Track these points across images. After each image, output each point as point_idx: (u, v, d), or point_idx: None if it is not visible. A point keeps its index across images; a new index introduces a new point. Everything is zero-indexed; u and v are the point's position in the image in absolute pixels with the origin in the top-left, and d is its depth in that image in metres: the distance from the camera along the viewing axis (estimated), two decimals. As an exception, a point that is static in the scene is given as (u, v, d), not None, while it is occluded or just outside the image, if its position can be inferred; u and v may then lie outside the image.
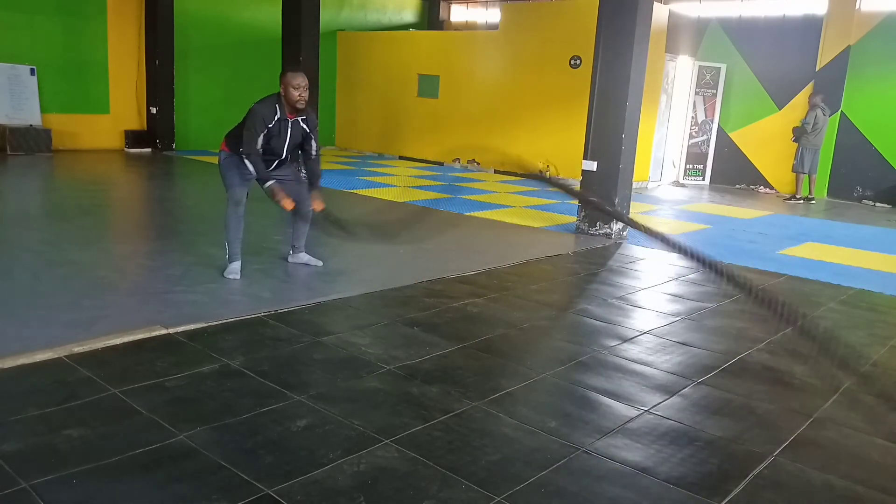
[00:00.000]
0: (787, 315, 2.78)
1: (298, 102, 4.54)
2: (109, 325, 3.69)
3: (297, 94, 4.52)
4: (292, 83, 4.51)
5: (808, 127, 10.98)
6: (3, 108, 10.75)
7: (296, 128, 4.70)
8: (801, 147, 11.20)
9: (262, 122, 4.52)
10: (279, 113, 4.57)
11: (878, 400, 3.41)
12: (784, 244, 7.49)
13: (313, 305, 4.31)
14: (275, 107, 4.57)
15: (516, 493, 2.38)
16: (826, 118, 11.10)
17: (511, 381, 3.34)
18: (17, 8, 10.88)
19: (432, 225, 7.53)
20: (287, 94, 4.54)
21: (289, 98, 4.54)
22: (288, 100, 4.55)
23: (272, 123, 4.56)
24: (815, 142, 11.12)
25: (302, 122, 4.72)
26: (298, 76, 4.54)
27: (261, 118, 4.52)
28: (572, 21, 11.63)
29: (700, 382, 3.48)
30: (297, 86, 4.51)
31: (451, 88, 13.82)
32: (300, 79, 4.53)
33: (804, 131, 11.08)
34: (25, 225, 6.38)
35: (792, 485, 2.57)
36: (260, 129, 4.52)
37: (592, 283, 5.45)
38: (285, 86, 4.53)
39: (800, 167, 11.25)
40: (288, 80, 4.52)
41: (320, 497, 2.28)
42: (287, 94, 4.54)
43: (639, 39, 6.81)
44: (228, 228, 4.78)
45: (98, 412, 2.76)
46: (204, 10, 12.98)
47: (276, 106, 4.57)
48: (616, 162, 6.97)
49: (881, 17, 11.10)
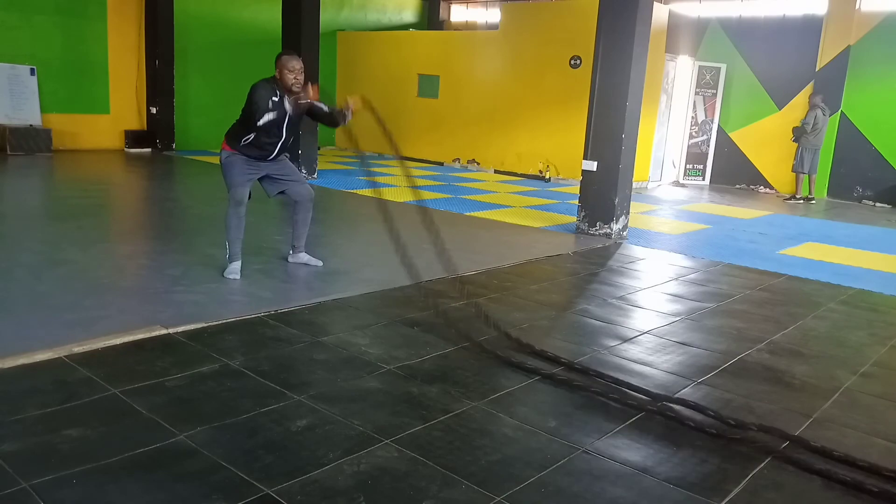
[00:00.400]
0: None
1: (294, 86, 4.49)
2: (109, 325, 3.69)
3: (293, 78, 4.47)
4: (287, 66, 4.46)
5: (808, 127, 10.97)
6: (3, 108, 10.75)
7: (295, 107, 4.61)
8: (801, 147, 11.20)
9: (265, 96, 4.46)
10: (278, 93, 4.54)
11: (878, 400, 3.41)
12: (784, 244, 7.49)
13: (313, 305, 4.31)
14: (273, 87, 4.53)
15: (516, 493, 2.38)
16: (826, 118, 11.09)
17: (511, 381, 3.34)
18: (17, 8, 10.88)
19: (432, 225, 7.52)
20: (282, 78, 4.49)
21: (284, 81, 4.49)
22: (283, 83, 4.50)
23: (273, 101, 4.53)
24: (815, 142, 11.12)
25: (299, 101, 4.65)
26: (293, 59, 4.49)
27: (262, 92, 4.46)
28: (572, 21, 11.63)
29: (700, 382, 3.48)
30: (291, 69, 4.46)
31: (451, 88, 13.83)
32: (295, 62, 4.48)
33: (804, 131, 11.08)
34: (25, 225, 6.38)
35: (792, 485, 2.57)
36: (265, 100, 4.43)
37: (592, 283, 5.45)
38: (280, 69, 4.49)
39: (799, 167, 11.25)
40: (283, 63, 4.48)
41: (320, 497, 2.28)
42: (282, 78, 4.49)
43: (639, 39, 6.81)
44: (229, 228, 4.77)
45: (98, 412, 2.76)
46: (204, 10, 12.98)
47: (274, 87, 4.54)
48: (616, 162, 6.97)
49: (881, 17, 11.11)
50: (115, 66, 12.18)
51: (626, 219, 7.23)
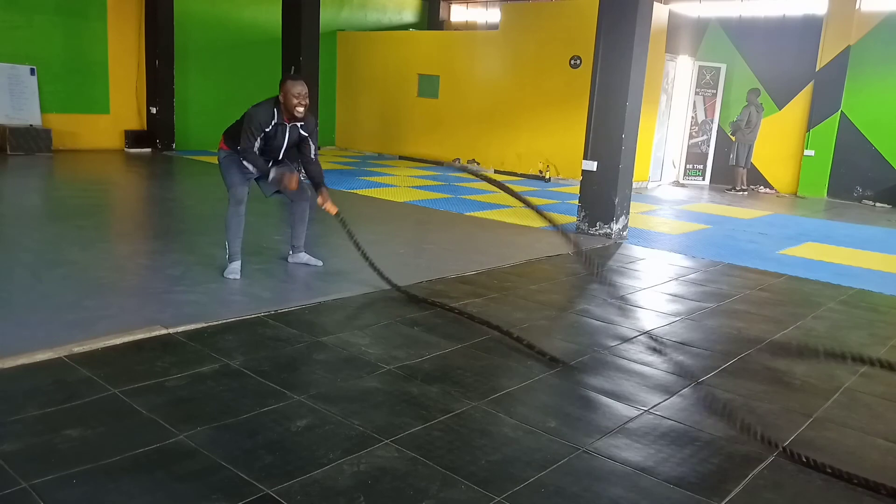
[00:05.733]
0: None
1: (297, 110, 4.54)
2: (109, 325, 3.69)
3: (297, 102, 4.52)
4: (292, 91, 4.50)
5: (742, 123, 11.72)
6: (3, 108, 10.75)
7: (293, 132, 4.70)
8: (737, 142, 11.89)
9: (259, 127, 4.53)
10: (276, 117, 4.57)
11: (878, 400, 3.41)
12: (784, 244, 7.49)
13: (313, 305, 4.31)
14: (273, 111, 4.57)
15: (516, 493, 2.38)
16: (760, 115, 11.74)
17: (511, 381, 3.34)
18: (17, 8, 10.89)
19: (432, 225, 7.53)
20: (286, 102, 4.53)
21: (288, 106, 4.54)
22: (287, 107, 4.54)
23: (269, 128, 4.56)
24: (749, 138, 11.80)
25: (300, 127, 4.72)
26: (298, 85, 4.53)
27: (258, 122, 4.52)
28: (572, 21, 11.63)
29: (700, 382, 3.48)
30: (296, 94, 4.51)
31: (451, 88, 13.83)
32: (300, 87, 4.53)
33: (738, 127, 11.80)
34: (25, 225, 6.38)
35: (792, 485, 2.57)
36: (257, 133, 4.54)
37: (592, 283, 5.45)
38: (285, 94, 4.52)
39: (734, 161, 11.95)
40: (288, 88, 4.51)
41: (320, 497, 2.28)
42: (286, 102, 4.53)
43: (639, 39, 6.81)
44: (229, 228, 4.77)
45: (98, 412, 2.76)
46: (204, 10, 12.98)
47: (275, 110, 4.57)
48: (616, 162, 6.97)
49: (881, 17, 11.11)
50: (115, 66, 12.19)
51: (626, 219, 7.23)
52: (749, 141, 11.81)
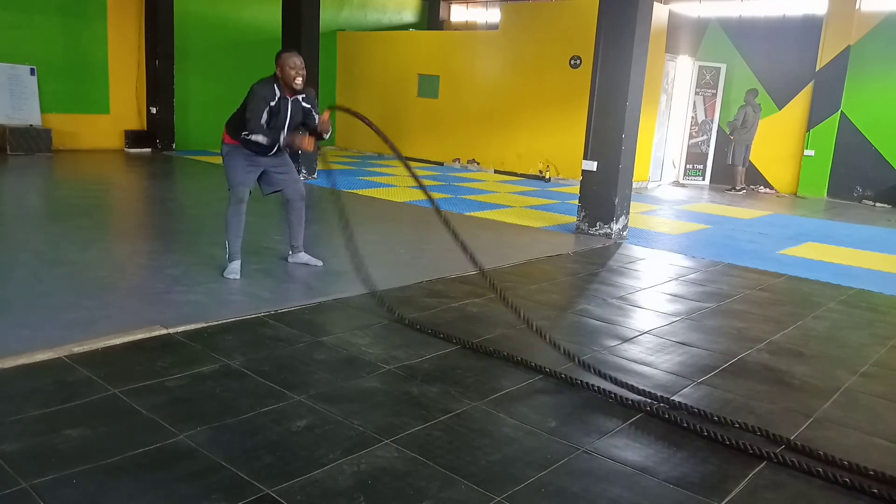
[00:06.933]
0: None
1: (296, 81, 4.53)
2: (109, 325, 3.69)
3: (294, 74, 4.51)
4: (288, 63, 4.51)
5: (738, 123, 11.86)
6: (3, 108, 10.75)
7: (296, 105, 4.70)
8: (734, 142, 11.98)
9: (264, 100, 4.53)
10: (279, 92, 4.58)
11: (878, 400, 3.41)
12: (784, 244, 7.49)
13: (313, 305, 4.31)
14: (273, 87, 4.57)
15: (516, 493, 2.38)
16: (757, 115, 11.83)
17: (511, 381, 3.34)
18: (17, 8, 10.89)
19: (432, 225, 7.52)
20: (284, 75, 4.53)
21: (286, 78, 4.53)
22: (285, 80, 4.54)
23: (273, 102, 4.56)
24: (746, 137, 11.92)
25: (302, 100, 4.72)
26: (294, 56, 4.54)
27: (262, 96, 4.52)
28: (572, 21, 11.63)
29: (700, 382, 3.48)
30: (293, 65, 4.51)
31: (451, 88, 13.83)
32: (296, 59, 4.53)
33: (735, 127, 11.92)
34: (25, 225, 6.38)
35: (792, 485, 2.57)
36: (263, 106, 4.52)
37: (592, 283, 5.45)
38: (282, 66, 4.52)
39: (732, 160, 12.05)
40: (284, 60, 4.52)
41: (320, 497, 2.28)
42: (284, 75, 4.53)
43: (639, 39, 6.81)
44: (229, 227, 4.77)
45: (98, 412, 2.76)
46: (204, 10, 12.98)
47: (274, 86, 4.57)
48: (616, 162, 6.97)
49: (881, 17, 11.11)
50: (115, 66, 12.19)
51: (626, 219, 7.23)
52: (746, 140, 11.90)
